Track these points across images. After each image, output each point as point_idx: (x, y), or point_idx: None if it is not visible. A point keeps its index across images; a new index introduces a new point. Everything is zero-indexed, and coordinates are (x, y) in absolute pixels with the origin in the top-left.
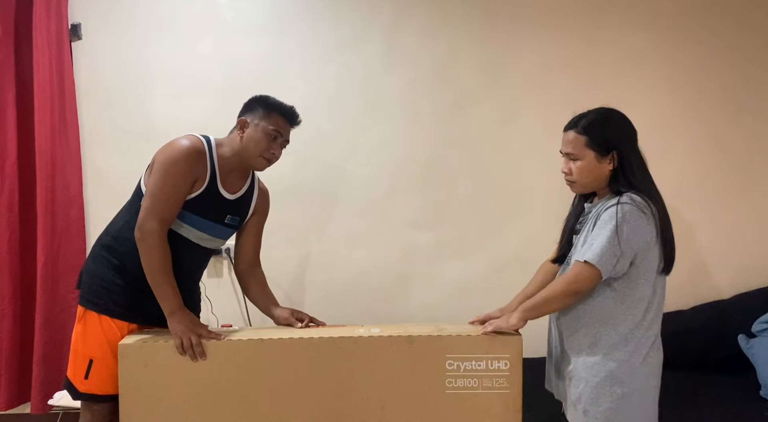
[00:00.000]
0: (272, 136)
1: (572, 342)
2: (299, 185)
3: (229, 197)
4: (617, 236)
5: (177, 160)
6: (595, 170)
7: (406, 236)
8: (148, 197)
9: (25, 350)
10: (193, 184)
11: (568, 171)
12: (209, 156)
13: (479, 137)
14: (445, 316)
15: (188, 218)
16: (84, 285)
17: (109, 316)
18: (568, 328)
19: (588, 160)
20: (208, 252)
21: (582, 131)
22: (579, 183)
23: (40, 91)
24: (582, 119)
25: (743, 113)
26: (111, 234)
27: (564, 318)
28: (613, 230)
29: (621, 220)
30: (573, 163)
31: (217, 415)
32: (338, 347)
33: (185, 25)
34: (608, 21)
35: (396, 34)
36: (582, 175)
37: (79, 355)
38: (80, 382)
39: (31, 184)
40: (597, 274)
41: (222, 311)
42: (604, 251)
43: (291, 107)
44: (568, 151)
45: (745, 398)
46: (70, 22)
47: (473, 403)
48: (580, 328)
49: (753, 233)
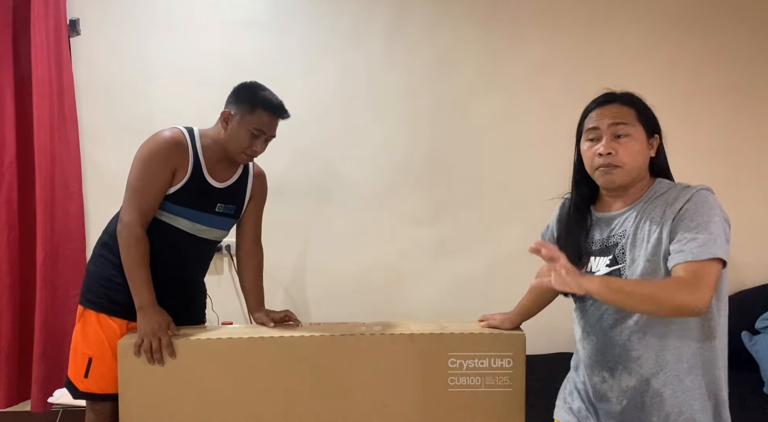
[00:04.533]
0: (254, 134)
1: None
2: (300, 182)
3: (218, 186)
4: (722, 217)
5: (153, 152)
6: (644, 153)
7: (408, 233)
8: (127, 190)
9: (24, 347)
10: (174, 175)
11: (613, 151)
12: (191, 146)
13: (481, 133)
14: (447, 313)
15: (178, 210)
16: (84, 285)
17: (107, 314)
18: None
19: (640, 138)
20: (209, 244)
21: (628, 103)
22: (627, 168)
23: (38, 88)
24: (614, 94)
25: (746, 109)
26: (108, 232)
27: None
28: (716, 212)
29: (715, 202)
30: (619, 142)
31: (217, 413)
32: (340, 345)
33: (184, 21)
34: (611, 17)
35: (397, 29)
36: (633, 156)
37: (79, 354)
38: (80, 381)
39: (30, 181)
40: (720, 271)
41: (222, 308)
42: (719, 238)
43: (279, 102)
44: (617, 120)
45: (748, 395)
46: (69, 17)
47: (476, 401)
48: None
49: (756, 229)
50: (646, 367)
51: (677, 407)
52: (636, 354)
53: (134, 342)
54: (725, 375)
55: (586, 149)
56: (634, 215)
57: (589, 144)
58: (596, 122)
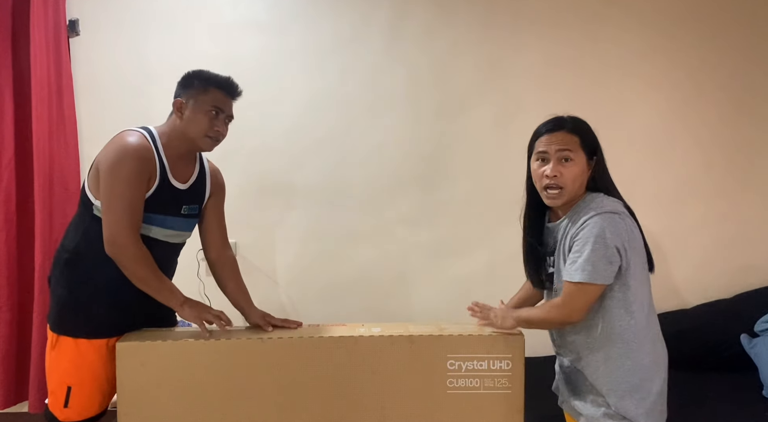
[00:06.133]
0: (213, 113)
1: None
2: (299, 184)
3: (181, 187)
4: (603, 241)
5: (127, 162)
6: (583, 176)
7: (407, 234)
8: (110, 210)
9: (22, 348)
10: (148, 182)
11: (558, 174)
12: (155, 149)
13: (480, 135)
14: (446, 315)
15: (149, 217)
16: (53, 311)
17: (86, 338)
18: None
19: (581, 163)
20: (176, 249)
21: (573, 131)
22: (568, 189)
23: (37, 88)
24: (563, 120)
25: (745, 112)
26: (68, 251)
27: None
28: (598, 237)
29: (601, 228)
30: (564, 166)
31: (215, 415)
32: (339, 346)
33: (184, 21)
34: (610, 19)
35: (396, 31)
36: (574, 181)
37: (56, 384)
38: (60, 411)
39: (29, 181)
40: (594, 289)
41: (221, 308)
42: (595, 261)
43: (227, 78)
44: (562, 147)
45: (747, 397)
46: (68, 18)
47: (475, 403)
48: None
49: (756, 231)
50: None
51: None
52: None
53: (167, 343)
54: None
55: (536, 168)
56: (563, 227)
57: (539, 164)
58: (545, 147)
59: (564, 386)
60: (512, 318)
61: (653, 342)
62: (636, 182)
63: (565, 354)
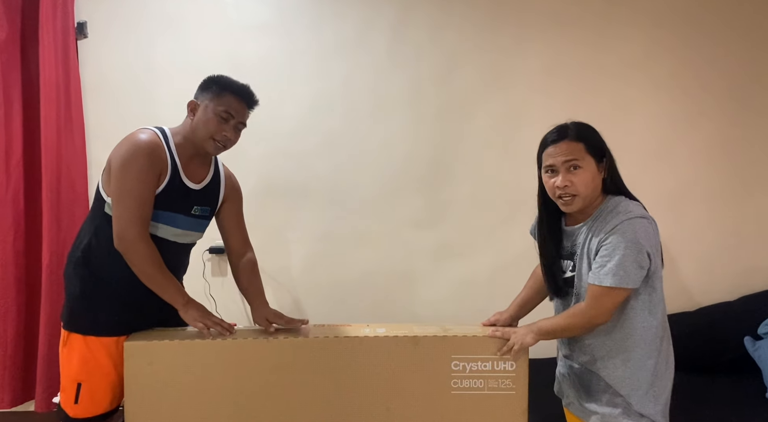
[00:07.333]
0: (223, 117)
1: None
2: (303, 185)
3: (194, 187)
4: (636, 246)
5: (138, 158)
6: (596, 180)
7: (411, 236)
8: (120, 204)
9: (29, 348)
10: (158, 178)
11: (569, 184)
12: (167, 147)
13: (484, 136)
14: (449, 316)
15: (158, 215)
16: (66, 309)
17: (95, 336)
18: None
19: (591, 168)
20: (186, 249)
21: (577, 138)
22: (582, 195)
23: (46, 89)
24: (566, 129)
25: (748, 114)
26: (81, 249)
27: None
28: (631, 241)
29: (633, 233)
30: (574, 174)
31: (221, 414)
32: (344, 347)
33: (190, 24)
34: (613, 23)
35: (400, 34)
36: (587, 186)
37: (67, 381)
38: (71, 408)
39: (37, 182)
40: (623, 293)
41: (226, 310)
42: (627, 266)
43: (245, 86)
44: (569, 158)
45: (751, 400)
46: (76, 20)
47: (479, 404)
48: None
49: (760, 234)
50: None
51: (612, 383)
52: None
53: (175, 343)
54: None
55: (546, 179)
56: (585, 231)
57: (549, 175)
58: (552, 160)
59: (571, 388)
60: (532, 333)
61: (669, 342)
62: (640, 183)
63: (577, 357)
